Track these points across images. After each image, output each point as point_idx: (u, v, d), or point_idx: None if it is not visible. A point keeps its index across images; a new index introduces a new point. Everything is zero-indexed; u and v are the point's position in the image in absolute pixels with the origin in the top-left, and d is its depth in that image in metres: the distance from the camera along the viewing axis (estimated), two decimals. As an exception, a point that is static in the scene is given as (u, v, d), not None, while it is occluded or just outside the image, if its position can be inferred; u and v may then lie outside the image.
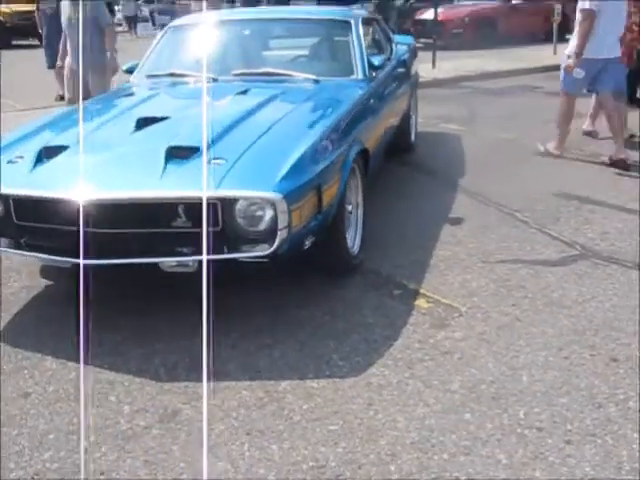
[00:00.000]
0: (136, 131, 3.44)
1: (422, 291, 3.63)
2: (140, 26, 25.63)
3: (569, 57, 5.83)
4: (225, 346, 3.13)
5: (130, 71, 4.97)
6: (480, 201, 5.07)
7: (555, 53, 12.83)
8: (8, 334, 3.35)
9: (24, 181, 3.17)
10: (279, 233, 2.94)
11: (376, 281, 3.76)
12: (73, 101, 6.14)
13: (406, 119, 5.96)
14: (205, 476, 2.30)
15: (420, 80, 7.39)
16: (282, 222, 2.94)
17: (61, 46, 7.02)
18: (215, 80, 4.43)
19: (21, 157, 3.34)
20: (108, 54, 6.35)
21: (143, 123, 3.50)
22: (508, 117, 8.04)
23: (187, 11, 12.16)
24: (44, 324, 3.41)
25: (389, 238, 4.32)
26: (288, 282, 3.68)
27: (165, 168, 3.05)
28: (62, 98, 8.09)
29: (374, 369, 2.94)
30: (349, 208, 3.78)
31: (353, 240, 3.83)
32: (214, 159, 3.08)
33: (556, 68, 11.46)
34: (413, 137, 6.43)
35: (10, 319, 3.50)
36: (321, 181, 3.20)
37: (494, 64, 12.46)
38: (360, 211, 3.94)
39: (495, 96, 9.66)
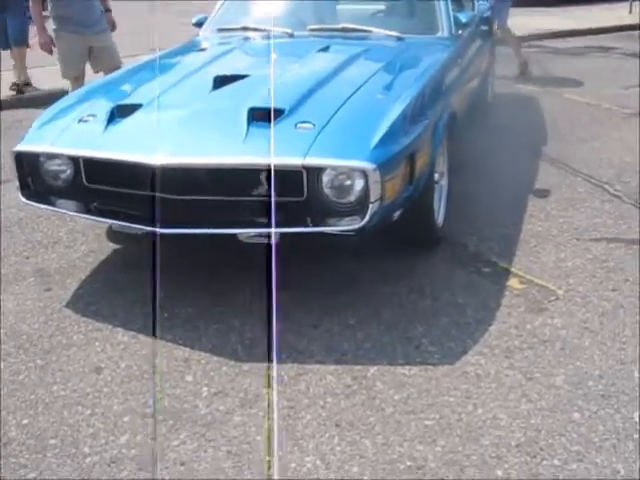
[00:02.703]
0: (214, 90, 3.21)
1: (513, 270, 3.36)
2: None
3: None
4: (307, 325, 2.92)
5: (199, 24, 4.71)
6: (566, 170, 4.74)
7: (631, 12, 12.15)
8: (77, 302, 3.20)
9: (97, 142, 2.98)
10: (370, 206, 2.70)
11: (463, 256, 3.50)
12: (72, 77, 5.50)
13: (484, 79, 5.60)
14: (276, 475, 2.13)
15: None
16: (374, 194, 2.69)
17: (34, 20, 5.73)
18: (291, 36, 4.15)
19: (93, 115, 3.15)
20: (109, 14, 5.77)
21: (221, 81, 3.27)
22: (584, 79, 7.56)
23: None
24: (113, 292, 3.25)
25: (474, 209, 4.03)
26: (369, 254, 3.44)
27: (248, 131, 2.82)
28: (17, 88, 7.25)
29: (469, 357, 2.70)
30: (435, 176, 3.51)
31: (438, 211, 3.57)
32: (300, 123, 2.84)
33: (632, 28, 10.93)
34: (489, 98, 6.06)
35: (78, 286, 3.35)
36: (414, 149, 2.93)
37: (563, 22, 11.82)
38: (445, 180, 3.67)
39: (568, 56, 9.14)
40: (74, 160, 3.03)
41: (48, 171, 3.14)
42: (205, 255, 3.48)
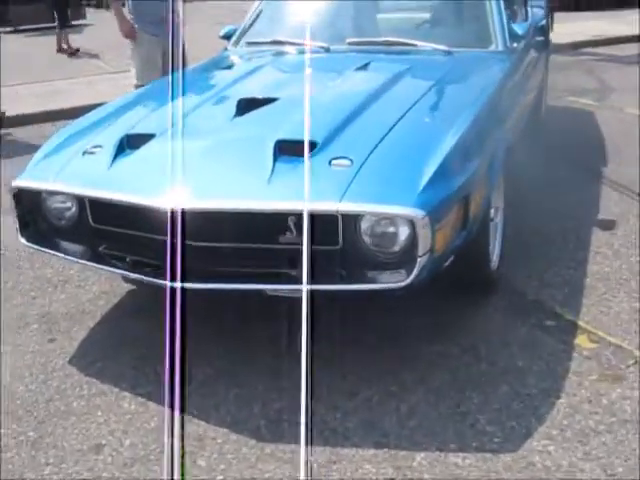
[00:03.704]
0: (237, 116, 2.81)
1: (581, 323, 2.90)
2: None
3: None
4: (341, 393, 2.50)
5: (227, 37, 4.33)
6: (631, 197, 4.24)
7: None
8: (82, 357, 2.84)
9: (102, 179, 2.60)
10: (419, 260, 2.27)
11: (522, 306, 3.05)
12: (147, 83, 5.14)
13: (539, 95, 5.12)
14: None
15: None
16: (424, 246, 2.26)
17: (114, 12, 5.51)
18: (327, 50, 3.73)
19: (99, 146, 2.77)
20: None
21: (245, 105, 2.87)
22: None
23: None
24: (123, 345, 2.88)
25: (531, 246, 3.57)
26: (412, 304, 2.99)
27: (273, 169, 2.41)
28: None
29: (535, 442, 2.26)
30: (491, 213, 3.07)
31: (492, 251, 3.12)
32: (335, 159, 2.42)
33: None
34: (543, 114, 5.56)
35: (85, 336, 2.99)
36: (469, 190, 2.50)
37: (618, 28, 11.20)
38: (500, 216, 3.22)
39: (625, 65, 8.56)
40: (78, 199, 2.67)
41: (51, 209, 2.79)
42: (227, 304, 3.07)
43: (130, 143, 2.73)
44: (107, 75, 8.71)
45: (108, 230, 2.69)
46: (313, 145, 2.49)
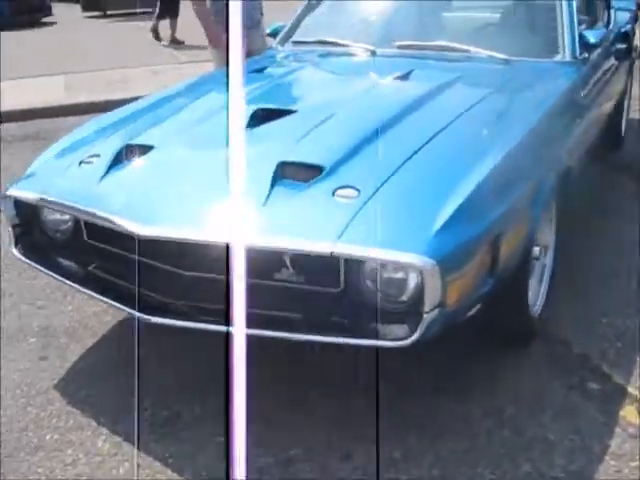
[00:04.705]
0: (248, 128, 2.51)
1: (631, 390, 2.48)
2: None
3: None
4: (332, 454, 2.19)
5: (274, 34, 4.04)
6: None
7: None
8: (69, 381, 2.64)
9: (89, 193, 2.37)
10: (426, 316, 1.93)
11: (564, 361, 2.64)
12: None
13: (618, 107, 4.59)
14: None
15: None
16: (431, 300, 1.92)
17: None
18: (373, 53, 3.39)
19: (97, 156, 2.54)
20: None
21: (260, 117, 2.57)
22: None
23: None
24: (115, 371, 2.64)
25: (586, 287, 3.13)
26: (430, 350, 2.51)
27: (269, 196, 2.11)
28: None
29: None
30: (535, 252, 2.68)
31: (536, 295, 2.73)
32: (340, 188, 2.10)
33: None
34: (623, 129, 5.00)
35: (79, 356, 2.79)
36: (501, 230, 2.13)
37: None
38: (550, 255, 2.82)
39: None
40: (69, 212, 2.45)
41: (47, 221, 2.59)
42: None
43: (129, 154, 2.49)
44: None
45: (100, 247, 2.46)
46: (319, 170, 2.17)
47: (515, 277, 2.39)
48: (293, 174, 2.19)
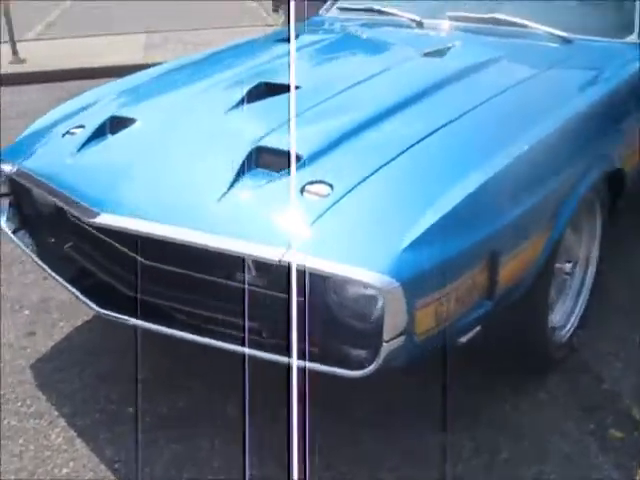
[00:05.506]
0: (236, 107, 2.23)
1: (658, 438, 2.09)
2: None
3: None
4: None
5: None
6: None
7: None
8: (48, 361, 2.53)
9: (62, 167, 2.18)
10: (385, 345, 1.62)
11: (587, 397, 2.26)
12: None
13: None
14: None
15: None
16: (393, 326, 1.61)
17: None
18: (419, 25, 3.02)
19: (82, 127, 2.35)
20: None
21: (257, 93, 2.30)
22: None
23: None
24: (96, 357, 2.50)
25: (630, 308, 2.69)
26: (430, 374, 2.10)
27: (231, 187, 1.84)
28: None
29: None
30: (567, 267, 2.30)
31: (566, 318, 2.36)
32: (311, 183, 1.80)
33: None
34: None
35: (66, 334, 2.67)
36: (501, 245, 1.78)
37: None
38: (590, 272, 2.42)
39: None
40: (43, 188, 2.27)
41: (37, 197, 2.44)
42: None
43: (113, 126, 2.28)
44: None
45: (75, 229, 2.28)
46: (297, 159, 1.88)
47: (531, 297, 2.03)
48: (267, 162, 1.91)
